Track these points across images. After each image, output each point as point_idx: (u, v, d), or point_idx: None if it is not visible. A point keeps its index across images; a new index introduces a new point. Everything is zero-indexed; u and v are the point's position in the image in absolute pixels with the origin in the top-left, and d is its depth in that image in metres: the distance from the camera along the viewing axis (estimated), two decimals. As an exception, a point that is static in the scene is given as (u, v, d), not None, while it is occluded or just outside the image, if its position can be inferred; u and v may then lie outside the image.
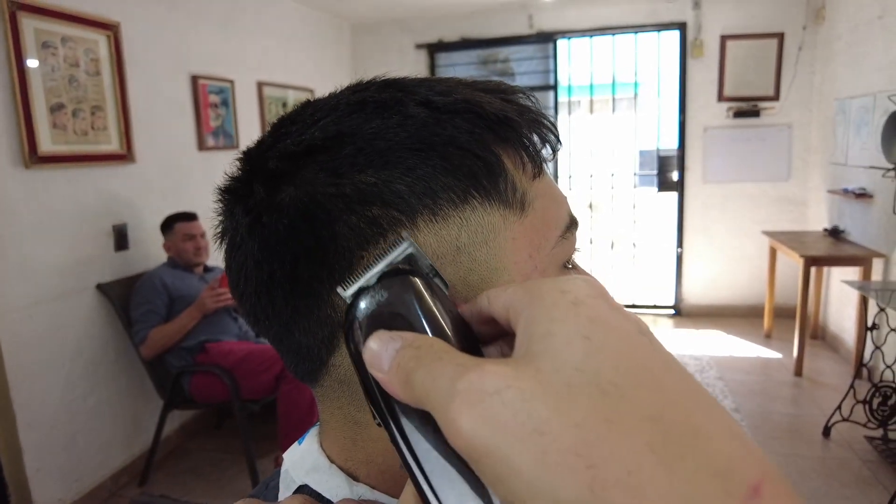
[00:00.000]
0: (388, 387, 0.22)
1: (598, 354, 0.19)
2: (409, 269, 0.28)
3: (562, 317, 0.21)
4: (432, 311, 0.25)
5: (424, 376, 0.21)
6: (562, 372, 0.19)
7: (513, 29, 4.65)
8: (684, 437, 0.17)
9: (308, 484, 0.36)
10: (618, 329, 0.20)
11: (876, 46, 3.24)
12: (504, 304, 0.24)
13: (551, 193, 0.36)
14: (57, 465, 2.37)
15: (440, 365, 0.21)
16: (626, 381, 0.18)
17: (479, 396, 0.19)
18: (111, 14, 2.60)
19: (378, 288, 0.27)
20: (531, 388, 0.18)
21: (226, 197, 0.36)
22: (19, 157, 2.19)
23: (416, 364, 0.21)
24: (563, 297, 0.22)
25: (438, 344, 0.23)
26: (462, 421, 0.18)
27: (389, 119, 0.32)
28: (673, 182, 4.70)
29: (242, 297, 0.35)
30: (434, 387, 0.20)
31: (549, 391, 0.18)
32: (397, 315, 0.25)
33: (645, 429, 0.17)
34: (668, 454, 0.17)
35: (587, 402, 0.18)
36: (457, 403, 0.19)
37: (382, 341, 0.23)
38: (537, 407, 0.18)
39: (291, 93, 4.06)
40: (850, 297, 3.54)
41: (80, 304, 2.49)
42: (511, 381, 0.19)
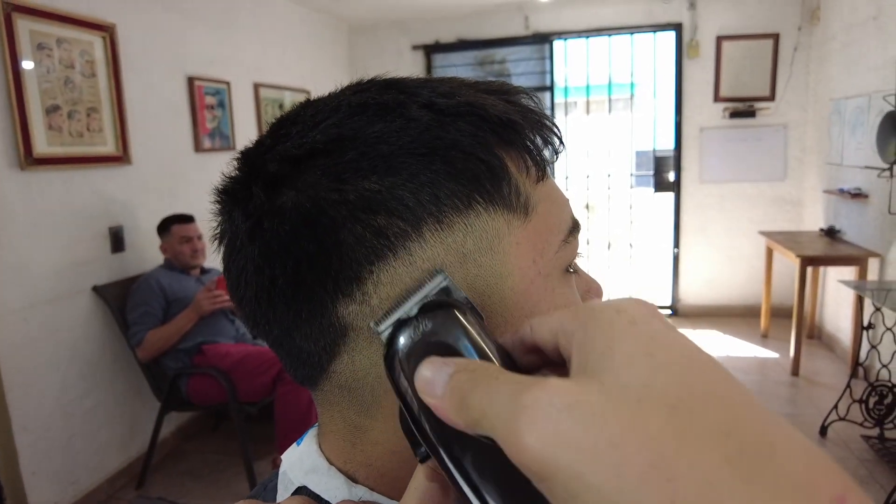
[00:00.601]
0: (442, 412, 0.22)
1: (662, 371, 0.19)
2: (448, 300, 0.28)
3: (621, 335, 0.20)
4: (478, 340, 0.25)
5: (482, 396, 0.20)
6: (628, 388, 0.18)
7: (509, 30, 4.65)
8: (761, 451, 0.17)
9: (307, 485, 0.36)
10: (679, 347, 0.20)
11: (870, 47, 3.25)
12: (550, 330, 0.24)
13: (554, 197, 0.36)
14: (53, 468, 2.36)
15: (497, 384, 0.20)
16: (694, 397, 0.18)
17: (546, 411, 0.18)
18: (107, 15, 2.59)
19: (421, 318, 0.26)
20: (600, 403, 0.18)
21: (223, 198, 0.35)
22: (15, 159, 2.18)
23: (472, 385, 0.21)
24: (620, 317, 0.21)
25: (493, 367, 0.22)
26: (529, 437, 0.18)
27: (392, 122, 0.32)
28: (669, 182, 4.71)
29: (242, 301, 0.35)
30: (493, 406, 0.20)
31: (619, 406, 0.18)
32: (444, 344, 0.25)
33: (721, 444, 0.17)
34: (746, 467, 0.16)
35: (658, 416, 0.17)
36: (522, 420, 0.18)
37: (435, 366, 0.23)
38: (609, 421, 0.17)
39: (288, 94, 4.06)
40: (846, 297, 3.55)
41: (76, 307, 2.48)
42: (578, 395, 0.18)
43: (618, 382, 0.19)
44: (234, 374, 2.56)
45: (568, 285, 0.36)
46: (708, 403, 0.18)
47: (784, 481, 0.16)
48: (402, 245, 0.31)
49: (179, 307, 2.61)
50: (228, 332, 2.75)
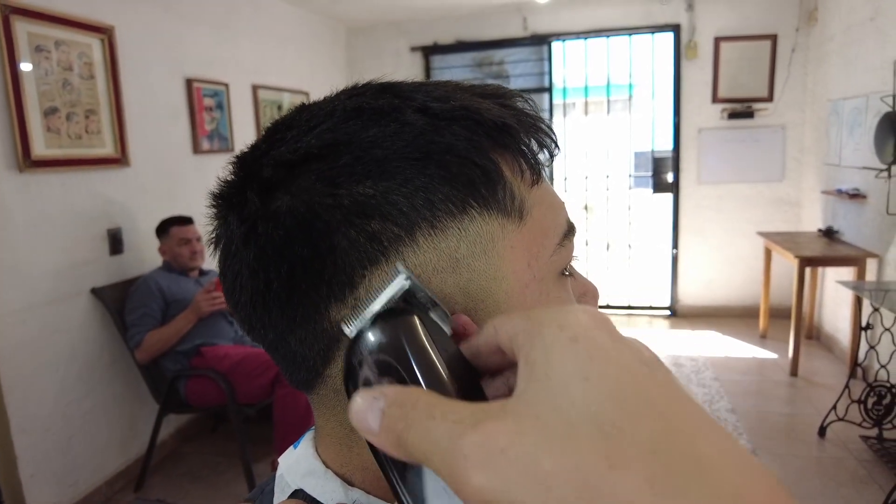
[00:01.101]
0: (382, 447, 0.22)
1: (596, 394, 0.19)
2: (403, 307, 0.27)
3: (560, 358, 0.21)
4: (424, 356, 0.25)
5: (418, 438, 0.21)
6: (562, 416, 0.19)
7: (507, 31, 4.65)
8: (687, 468, 0.17)
9: (303, 488, 0.36)
10: (618, 363, 0.20)
11: (868, 48, 3.26)
12: (508, 335, 0.24)
13: (549, 200, 0.36)
14: (52, 470, 2.36)
15: (433, 423, 0.21)
16: (626, 417, 0.18)
17: (486, 457, 0.19)
18: (105, 17, 2.59)
19: (372, 330, 0.26)
20: (533, 440, 0.19)
21: (219, 203, 0.35)
22: (13, 161, 2.18)
23: (405, 425, 0.21)
24: (562, 335, 0.21)
25: (425, 398, 0.22)
26: (473, 481, 0.19)
27: (386, 127, 0.32)
28: (668, 183, 4.72)
29: (237, 305, 0.35)
30: (433, 448, 0.20)
31: (551, 439, 0.18)
32: (387, 364, 0.25)
33: (646, 464, 0.17)
34: (669, 488, 0.17)
35: (588, 444, 0.18)
36: (464, 466, 0.19)
37: (366, 400, 0.23)
38: (540, 458, 0.18)
39: (286, 95, 4.06)
40: (845, 298, 3.55)
41: (75, 309, 2.47)
42: (513, 436, 0.19)
43: (552, 413, 0.19)
44: (233, 375, 2.55)
45: (563, 289, 0.36)
46: (639, 420, 0.18)
47: (710, 498, 0.16)
48: (395, 250, 0.31)
49: (178, 309, 2.61)
50: (227, 334, 2.75)
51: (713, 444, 0.18)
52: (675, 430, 0.18)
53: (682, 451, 0.17)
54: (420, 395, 0.22)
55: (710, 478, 0.17)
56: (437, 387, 0.24)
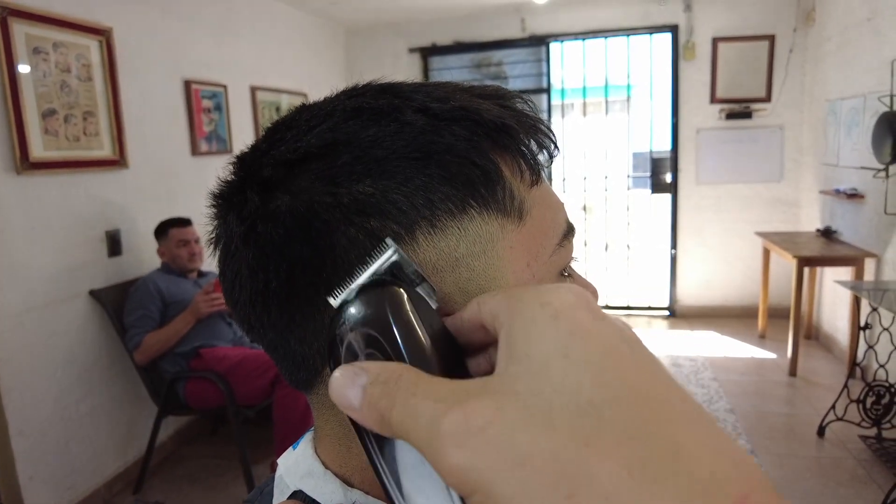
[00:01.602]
0: (364, 423, 0.22)
1: (576, 373, 0.19)
2: (390, 280, 0.27)
3: (540, 334, 0.21)
4: (409, 330, 0.25)
5: (401, 415, 0.21)
6: (541, 395, 0.19)
7: (506, 32, 4.66)
8: (665, 454, 0.17)
9: (302, 489, 0.36)
10: (598, 341, 0.20)
11: (865, 48, 3.26)
12: (491, 312, 0.24)
13: (549, 201, 0.36)
14: (50, 472, 2.35)
15: (415, 401, 0.21)
16: (606, 399, 0.18)
17: (465, 436, 0.19)
18: (103, 19, 2.59)
19: (357, 303, 0.26)
20: (512, 420, 0.18)
21: (219, 203, 0.35)
22: (11, 164, 2.18)
23: (388, 402, 0.21)
24: (543, 312, 0.21)
25: (408, 374, 0.22)
26: (450, 459, 0.19)
27: (386, 127, 0.32)
28: (666, 184, 4.72)
29: (237, 305, 0.35)
30: (414, 426, 0.20)
31: (530, 419, 0.18)
32: (371, 336, 0.25)
33: (624, 450, 0.17)
34: (647, 475, 0.17)
35: (566, 426, 0.18)
36: (443, 444, 0.19)
37: (348, 376, 0.23)
38: (519, 438, 0.18)
39: (285, 97, 4.06)
40: (843, 297, 3.56)
41: (73, 311, 2.47)
42: (493, 414, 0.19)
43: (532, 390, 0.19)
44: (232, 377, 2.55)
45: (562, 289, 0.36)
46: (619, 404, 0.18)
47: (685, 487, 0.16)
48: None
49: (177, 310, 2.61)
50: (226, 336, 2.75)
51: (692, 430, 0.18)
52: (654, 413, 0.18)
53: (660, 436, 0.17)
54: (403, 371, 0.22)
55: (688, 465, 0.17)
56: (421, 363, 0.24)
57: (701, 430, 0.18)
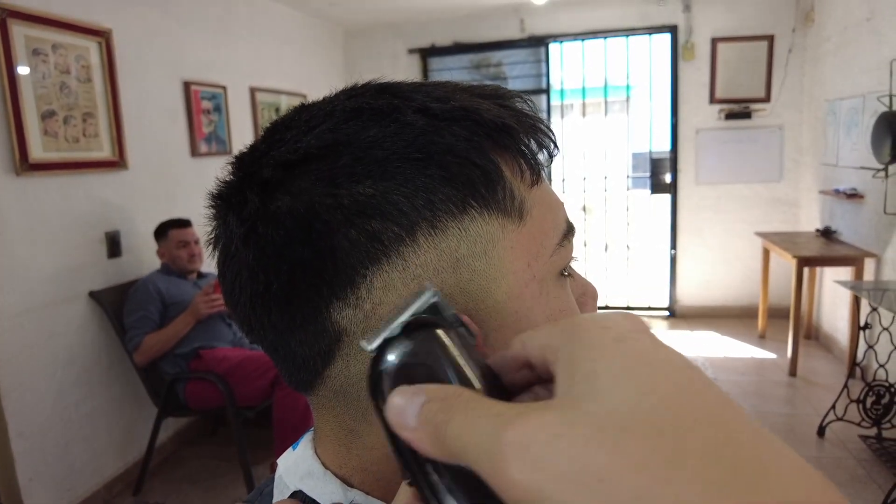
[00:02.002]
0: (417, 444, 0.21)
1: (649, 392, 0.18)
2: (433, 319, 0.27)
3: (606, 355, 0.20)
4: (459, 361, 0.24)
5: (459, 429, 0.20)
6: (613, 414, 0.18)
7: (505, 33, 4.66)
8: (754, 474, 0.16)
9: (302, 490, 0.36)
10: (666, 365, 0.19)
11: (864, 48, 3.27)
12: (539, 346, 0.23)
13: (549, 201, 0.36)
14: (50, 473, 2.35)
15: (474, 416, 0.20)
16: (682, 421, 0.17)
17: (531, 447, 0.18)
18: (103, 21, 2.59)
19: (402, 339, 0.26)
20: (583, 434, 0.17)
21: (218, 203, 0.35)
22: (10, 165, 2.18)
23: (445, 417, 0.20)
24: (605, 334, 0.21)
25: (467, 393, 0.21)
26: (514, 473, 0.18)
27: (386, 127, 0.32)
28: (666, 184, 4.72)
29: (237, 306, 0.35)
30: (473, 440, 0.19)
31: (603, 435, 0.17)
32: (423, 366, 0.24)
33: (710, 472, 0.16)
34: (739, 493, 0.16)
35: (645, 443, 0.17)
36: (506, 456, 0.18)
37: (405, 396, 0.22)
38: (593, 452, 0.17)
39: (284, 98, 4.06)
40: (843, 297, 3.56)
41: (73, 312, 2.47)
42: (561, 427, 0.18)
43: (602, 409, 0.18)
44: (232, 378, 2.55)
45: (563, 289, 0.36)
46: (696, 426, 0.17)
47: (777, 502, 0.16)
48: (395, 250, 0.31)
49: (177, 311, 2.61)
50: (226, 337, 2.75)
51: (774, 451, 0.17)
52: (731, 436, 0.17)
53: (745, 457, 0.17)
54: (461, 390, 0.22)
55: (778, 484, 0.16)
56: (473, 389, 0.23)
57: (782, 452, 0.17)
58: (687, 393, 0.18)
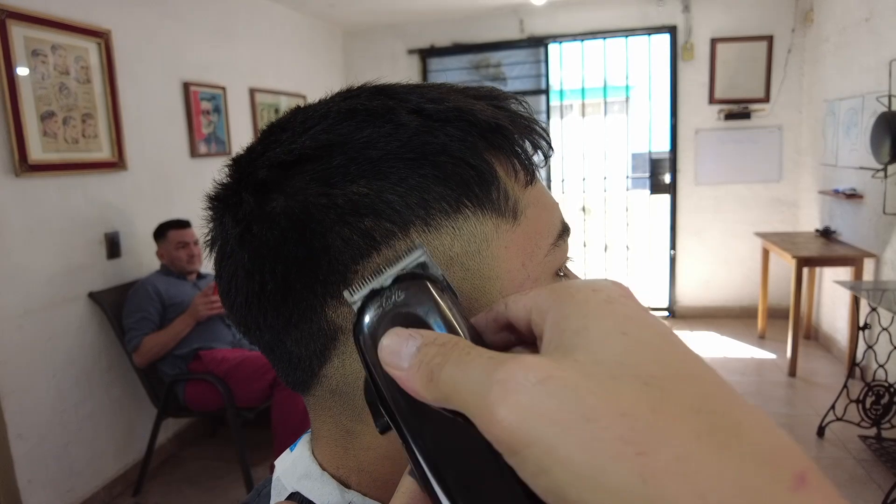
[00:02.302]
0: (408, 383, 0.22)
1: (636, 349, 0.19)
2: (423, 273, 0.27)
3: (596, 313, 0.21)
4: (449, 315, 0.25)
5: (453, 371, 0.20)
6: (602, 364, 0.19)
7: (504, 34, 4.66)
8: (728, 427, 0.17)
9: (299, 491, 0.36)
10: (652, 326, 0.20)
11: (863, 48, 3.27)
12: (525, 307, 0.24)
13: (543, 201, 0.36)
14: (49, 475, 2.35)
15: (469, 359, 0.20)
16: (667, 375, 0.18)
17: (521, 385, 0.18)
18: (102, 22, 2.59)
19: (394, 289, 0.26)
20: (574, 378, 0.18)
21: (215, 204, 0.36)
22: (9, 166, 2.18)
23: (442, 360, 0.21)
24: (596, 296, 0.21)
25: (464, 342, 0.22)
26: (503, 410, 0.18)
27: (381, 128, 0.32)
28: (665, 184, 4.73)
29: (233, 306, 0.35)
30: (465, 380, 0.20)
31: (593, 381, 0.18)
32: (414, 316, 0.25)
33: (690, 420, 0.17)
34: (714, 442, 0.17)
35: (631, 392, 0.18)
36: (496, 393, 0.19)
37: (401, 337, 0.23)
38: (582, 396, 0.18)
39: (284, 99, 4.06)
40: (843, 297, 3.56)
41: (72, 313, 2.47)
42: (553, 370, 0.19)
43: (592, 359, 0.19)
44: (231, 379, 2.55)
45: (558, 289, 0.36)
46: (680, 381, 0.18)
47: (750, 457, 0.17)
48: (387, 244, 0.31)
49: (176, 312, 2.61)
50: (225, 338, 2.75)
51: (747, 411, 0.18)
52: (711, 394, 0.18)
53: (720, 412, 0.18)
54: (459, 339, 0.22)
55: (750, 439, 0.17)
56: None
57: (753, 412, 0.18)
58: (671, 352, 0.19)
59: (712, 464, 0.16)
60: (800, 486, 0.17)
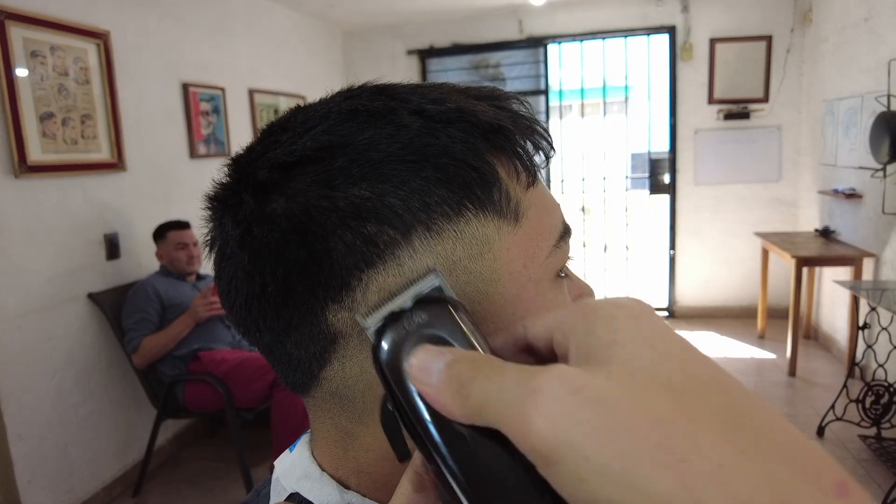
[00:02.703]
0: (438, 398, 0.22)
1: (666, 361, 0.19)
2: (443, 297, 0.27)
3: (624, 328, 0.21)
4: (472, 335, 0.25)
5: (485, 384, 0.20)
6: (635, 375, 0.19)
7: (503, 34, 4.66)
8: (766, 438, 0.18)
9: (299, 492, 0.36)
10: (678, 340, 0.21)
11: (862, 48, 3.27)
12: (546, 327, 0.24)
13: (545, 202, 0.36)
14: (49, 476, 2.35)
15: (501, 372, 0.20)
16: (698, 387, 0.19)
17: (556, 395, 0.18)
18: (101, 22, 2.59)
19: (416, 311, 0.26)
20: (608, 388, 0.18)
21: (214, 205, 0.35)
22: (9, 167, 2.18)
23: (473, 374, 0.21)
24: (622, 312, 0.22)
25: (494, 357, 0.22)
26: (538, 420, 0.18)
27: (382, 129, 0.32)
28: (665, 184, 4.73)
29: (233, 308, 0.35)
30: (498, 393, 0.20)
31: (627, 391, 0.18)
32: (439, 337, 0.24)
33: (727, 428, 0.17)
34: (754, 452, 0.17)
35: (666, 402, 0.18)
36: (530, 404, 0.19)
37: (430, 354, 0.22)
38: (618, 404, 0.18)
39: (283, 100, 4.06)
40: (842, 297, 3.56)
41: (72, 314, 2.47)
42: (587, 380, 0.19)
43: (624, 370, 0.19)
44: (230, 380, 2.55)
45: (559, 290, 0.36)
46: (712, 392, 0.19)
47: (792, 466, 0.17)
48: (391, 253, 0.30)
49: (175, 313, 2.60)
50: (225, 339, 2.75)
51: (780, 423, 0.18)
52: (743, 406, 0.19)
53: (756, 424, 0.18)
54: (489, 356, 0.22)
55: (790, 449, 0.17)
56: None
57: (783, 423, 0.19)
58: (699, 365, 0.20)
59: (754, 473, 0.16)
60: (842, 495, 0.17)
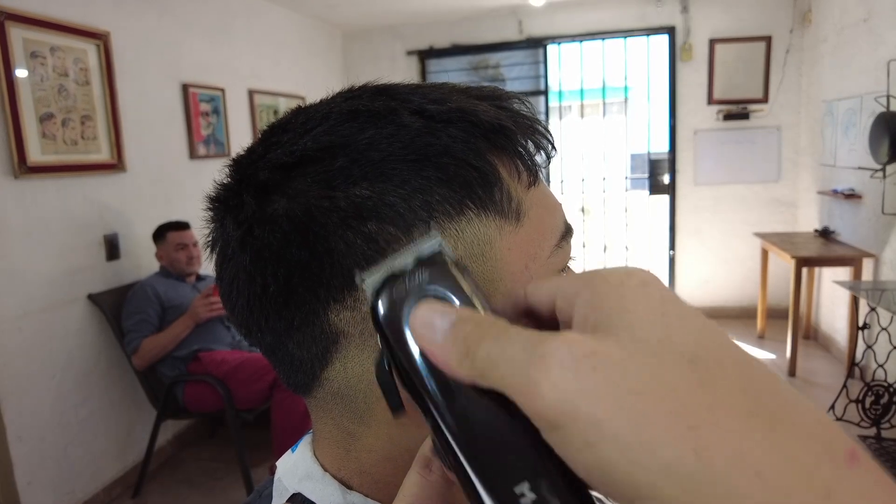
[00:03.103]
0: (441, 357, 0.21)
1: (678, 329, 0.19)
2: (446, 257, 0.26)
3: (633, 295, 0.20)
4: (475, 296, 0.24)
5: (491, 347, 0.20)
6: (645, 342, 0.18)
7: (503, 35, 4.66)
8: (777, 406, 0.17)
9: (301, 492, 0.36)
10: (688, 309, 0.20)
11: (861, 49, 3.27)
12: (548, 293, 0.24)
13: (546, 202, 0.36)
14: (48, 477, 2.35)
15: (508, 336, 0.20)
16: (710, 355, 0.18)
17: (565, 360, 0.18)
18: (101, 23, 2.59)
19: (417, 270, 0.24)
20: (619, 354, 0.18)
21: (215, 206, 0.35)
22: (8, 167, 2.18)
23: (479, 336, 0.20)
24: (630, 279, 0.21)
25: (501, 320, 0.21)
26: (546, 384, 0.18)
27: (383, 129, 0.32)
28: (664, 185, 4.73)
29: (234, 309, 0.35)
30: (505, 356, 0.19)
31: (638, 357, 0.18)
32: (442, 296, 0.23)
33: (738, 396, 0.17)
34: (766, 419, 0.17)
35: (677, 369, 0.18)
36: (539, 367, 0.18)
37: (435, 310, 0.22)
38: (629, 370, 0.18)
39: (283, 100, 4.06)
40: (842, 297, 3.56)
41: (71, 315, 2.47)
42: (597, 346, 0.18)
43: (635, 337, 0.19)
44: (231, 380, 2.55)
45: (560, 290, 0.36)
46: (723, 361, 0.18)
47: (802, 433, 0.17)
48: (392, 251, 0.30)
49: (175, 314, 2.60)
50: (224, 339, 2.74)
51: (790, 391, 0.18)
52: (755, 375, 0.18)
53: (766, 393, 0.18)
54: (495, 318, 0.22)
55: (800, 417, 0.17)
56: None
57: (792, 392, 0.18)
58: (710, 334, 0.19)
59: (765, 440, 0.16)
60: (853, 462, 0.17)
